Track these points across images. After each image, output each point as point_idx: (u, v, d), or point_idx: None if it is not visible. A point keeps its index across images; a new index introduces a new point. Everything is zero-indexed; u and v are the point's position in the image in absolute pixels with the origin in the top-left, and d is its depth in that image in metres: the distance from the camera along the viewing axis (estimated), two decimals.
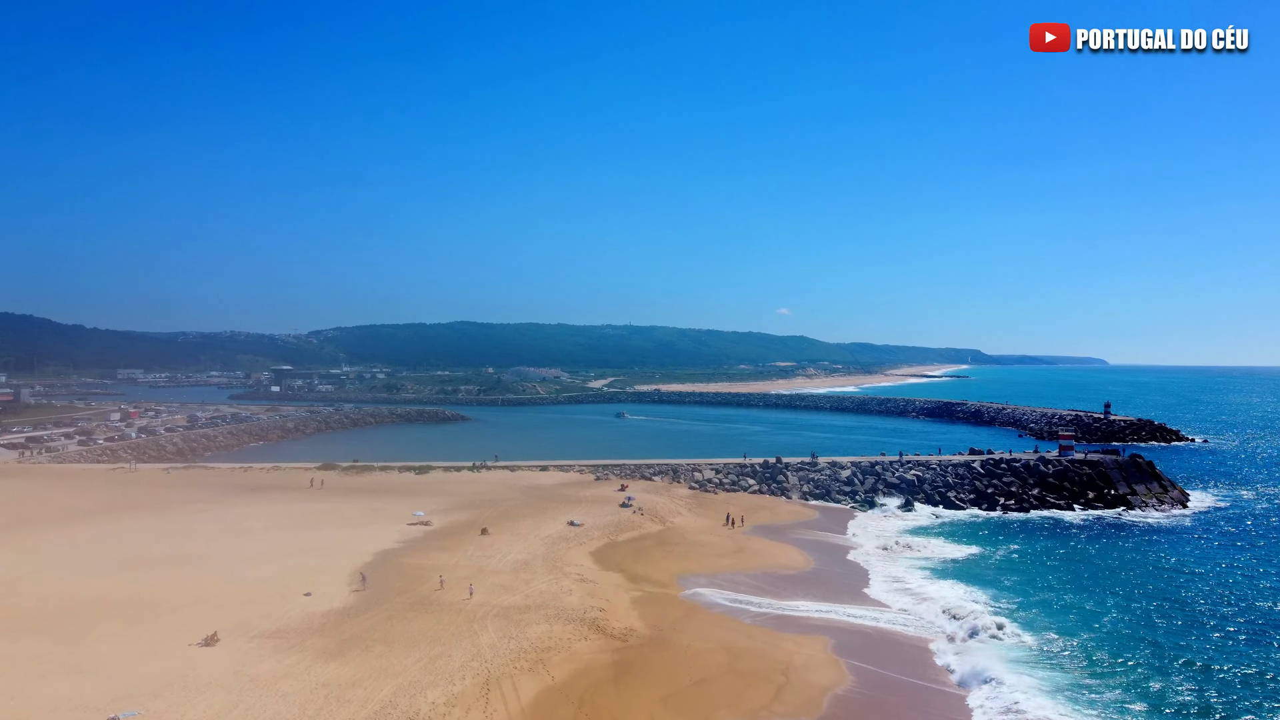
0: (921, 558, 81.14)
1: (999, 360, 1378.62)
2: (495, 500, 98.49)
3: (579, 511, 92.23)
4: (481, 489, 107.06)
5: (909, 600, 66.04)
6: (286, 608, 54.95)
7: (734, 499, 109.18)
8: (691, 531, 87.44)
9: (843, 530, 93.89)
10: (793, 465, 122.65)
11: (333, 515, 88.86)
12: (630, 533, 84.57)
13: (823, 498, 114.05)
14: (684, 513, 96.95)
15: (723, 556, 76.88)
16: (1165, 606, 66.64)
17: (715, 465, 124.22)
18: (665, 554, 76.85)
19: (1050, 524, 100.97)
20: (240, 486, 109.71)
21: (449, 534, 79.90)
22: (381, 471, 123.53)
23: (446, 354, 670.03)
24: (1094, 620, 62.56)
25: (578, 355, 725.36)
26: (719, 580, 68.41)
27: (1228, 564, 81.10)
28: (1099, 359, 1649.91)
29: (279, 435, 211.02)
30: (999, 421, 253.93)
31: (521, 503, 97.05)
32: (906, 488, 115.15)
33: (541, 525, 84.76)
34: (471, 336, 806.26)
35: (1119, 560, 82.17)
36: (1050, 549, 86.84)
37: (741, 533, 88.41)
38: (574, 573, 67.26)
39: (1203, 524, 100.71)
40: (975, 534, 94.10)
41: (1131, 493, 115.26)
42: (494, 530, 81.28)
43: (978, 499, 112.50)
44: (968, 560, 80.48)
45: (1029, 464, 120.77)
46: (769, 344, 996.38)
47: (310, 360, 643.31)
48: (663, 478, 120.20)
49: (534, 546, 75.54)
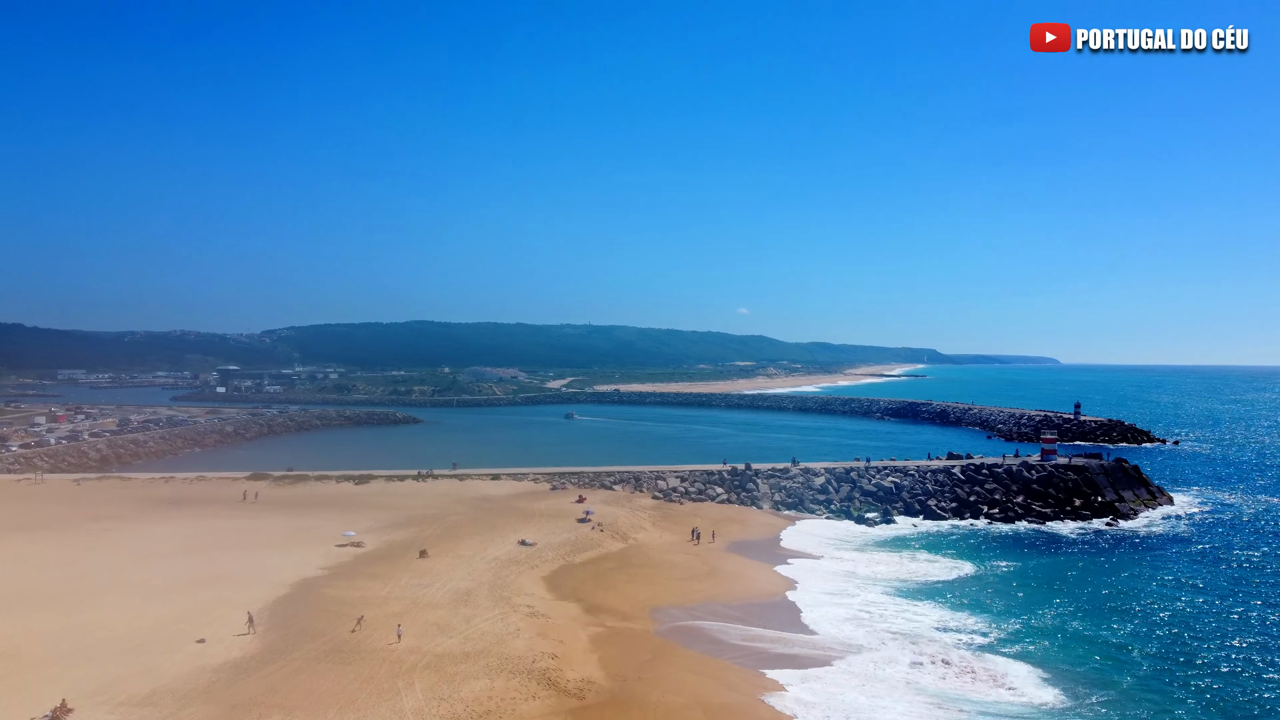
0: (907, 579, 73.36)
1: (955, 360, 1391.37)
2: (439, 515, 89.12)
3: (532, 528, 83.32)
4: (425, 502, 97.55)
5: (902, 632, 58.21)
6: (171, 660, 45.40)
7: (701, 510, 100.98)
8: (657, 550, 79.00)
9: (820, 546, 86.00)
10: (763, 472, 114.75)
11: (254, 535, 78.91)
12: (589, 552, 75.87)
13: (796, 507, 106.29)
14: (648, 527, 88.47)
15: (694, 580, 68.50)
16: (1188, 636, 59.51)
17: (680, 472, 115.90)
18: (629, 578, 68.30)
19: (1041, 537, 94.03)
20: (158, 500, 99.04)
21: (382, 557, 70.51)
22: (318, 481, 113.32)
23: (404, 354, 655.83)
24: (1117, 659, 55.09)
25: (537, 355, 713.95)
26: (693, 612, 60.01)
27: (1239, 579, 74.56)
28: (1052, 358, 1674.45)
29: (216, 440, 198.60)
30: (966, 422, 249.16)
31: (468, 518, 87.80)
32: (884, 496, 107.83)
33: (489, 545, 75.67)
34: (429, 336, 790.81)
35: (1124, 580, 75.08)
36: (1046, 567, 79.68)
37: (712, 549, 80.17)
38: (524, 604, 58.41)
39: (1199, 533, 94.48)
40: (962, 549, 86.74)
41: (1119, 499, 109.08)
42: (435, 552, 72.03)
43: (960, 507, 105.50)
44: (958, 583, 72.82)
45: (1012, 470, 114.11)
46: (729, 343, 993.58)
47: (263, 360, 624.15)
48: (624, 486, 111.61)
49: (479, 572, 66.51)
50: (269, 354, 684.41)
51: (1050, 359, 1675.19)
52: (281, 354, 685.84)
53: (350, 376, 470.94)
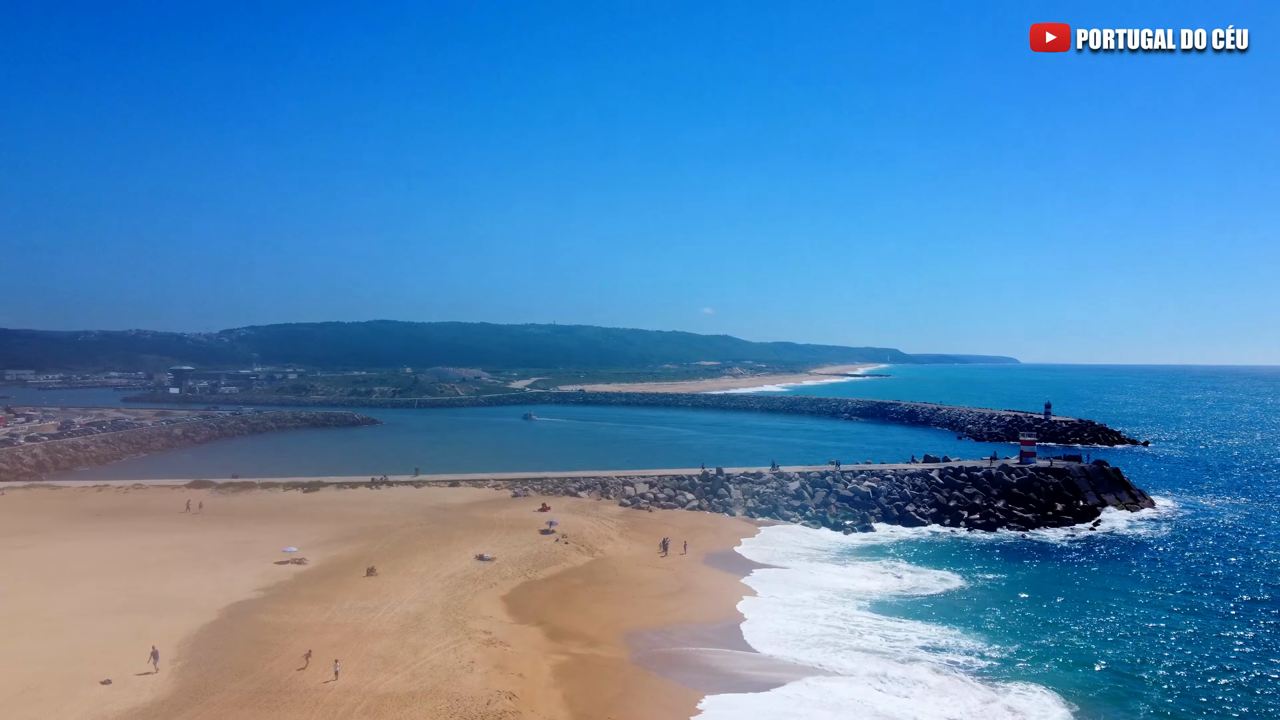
0: (892, 593, 68.72)
1: (917, 359, 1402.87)
2: (391, 526, 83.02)
3: (491, 540, 77.57)
4: (377, 512, 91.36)
5: (890, 654, 53.44)
6: (66, 708, 39.26)
7: (671, 518, 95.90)
8: (626, 563, 73.69)
9: (798, 556, 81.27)
10: (735, 476, 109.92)
11: (186, 552, 72.31)
12: (552, 567, 70.35)
13: (770, 514, 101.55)
14: (615, 537, 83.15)
15: (666, 598, 63.31)
16: (1192, 653, 55.41)
17: (649, 477, 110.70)
18: (596, 596, 62.96)
19: (1029, 546, 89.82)
20: (86, 512, 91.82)
21: (326, 576, 64.43)
22: (264, 489, 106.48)
23: (366, 354, 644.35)
24: (1130, 682, 50.72)
25: (501, 355, 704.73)
26: (667, 636, 54.80)
27: (1234, 590, 70.90)
28: (1011, 358, 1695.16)
29: (164, 444, 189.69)
30: (934, 422, 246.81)
31: (422, 530, 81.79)
32: (861, 501, 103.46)
33: (444, 560, 69.83)
34: (392, 336, 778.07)
35: (1119, 591, 70.99)
36: (1037, 578, 75.47)
37: (683, 562, 75.01)
38: (480, 630, 52.80)
39: (1186, 539, 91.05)
40: (947, 559, 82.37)
41: (1101, 503, 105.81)
42: (384, 569, 66.09)
43: (939, 513, 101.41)
44: (947, 597, 68.26)
45: (991, 473, 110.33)
46: (694, 343, 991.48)
47: (221, 360, 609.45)
48: (590, 493, 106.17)
49: (432, 592, 60.74)
50: (227, 354, 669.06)
51: (1010, 358, 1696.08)
52: (240, 354, 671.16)
53: (310, 377, 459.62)
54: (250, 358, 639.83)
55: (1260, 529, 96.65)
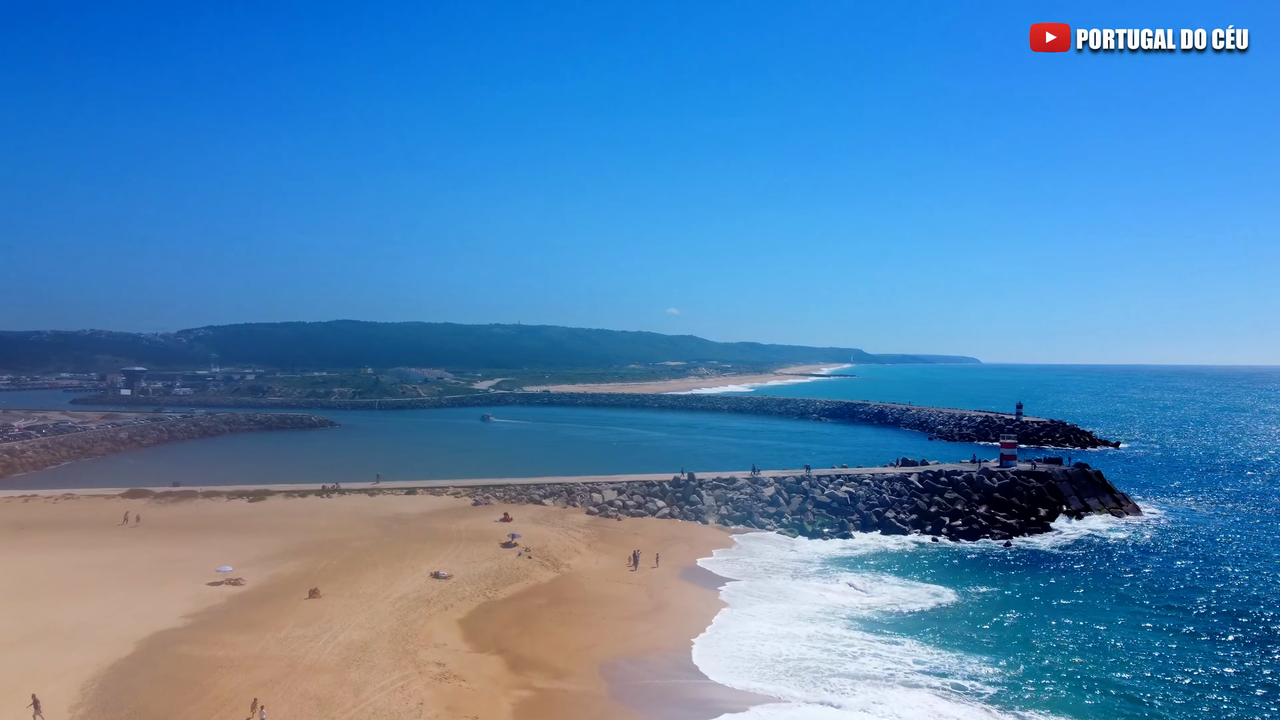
0: (882, 609, 64.12)
1: (880, 359, 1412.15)
2: (341, 540, 77.01)
3: (448, 555, 71.89)
4: (327, 523, 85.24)
5: (889, 680, 48.75)
6: None
7: (642, 527, 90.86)
8: (594, 579, 68.44)
9: (778, 569, 76.57)
10: (707, 482, 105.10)
11: (112, 571, 65.87)
12: (514, 585, 64.91)
13: (744, 521, 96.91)
14: (582, 550, 77.86)
15: (639, 619, 58.18)
16: (1203, 673, 51.41)
17: (617, 484, 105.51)
18: (561, 618, 57.64)
19: (1015, 553, 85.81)
20: (7, 525, 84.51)
21: (264, 599, 58.48)
22: (206, 498, 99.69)
23: (328, 354, 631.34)
24: (1146, 710, 46.51)
25: (465, 355, 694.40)
26: (644, 666, 49.60)
27: (1236, 601, 67.39)
28: (972, 358, 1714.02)
29: (107, 448, 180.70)
30: (904, 423, 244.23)
31: (374, 543, 75.86)
32: (839, 507, 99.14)
33: (396, 578, 64.10)
34: (354, 336, 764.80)
35: (1117, 604, 67.17)
36: (1031, 590, 71.17)
37: (656, 577, 69.92)
38: (432, 662, 47.34)
39: (1177, 545, 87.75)
40: (933, 570, 78.15)
41: (1085, 508, 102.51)
42: (329, 590, 60.26)
43: (920, 519, 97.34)
44: (939, 613, 63.73)
45: (972, 477, 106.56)
46: (659, 343, 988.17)
47: (179, 361, 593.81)
48: (555, 500, 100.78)
49: (380, 616, 55.08)
50: (185, 354, 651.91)
51: (972, 358, 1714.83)
52: (199, 354, 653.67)
53: (268, 378, 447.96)
54: (209, 358, 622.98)
55: (1247, 535, 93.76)
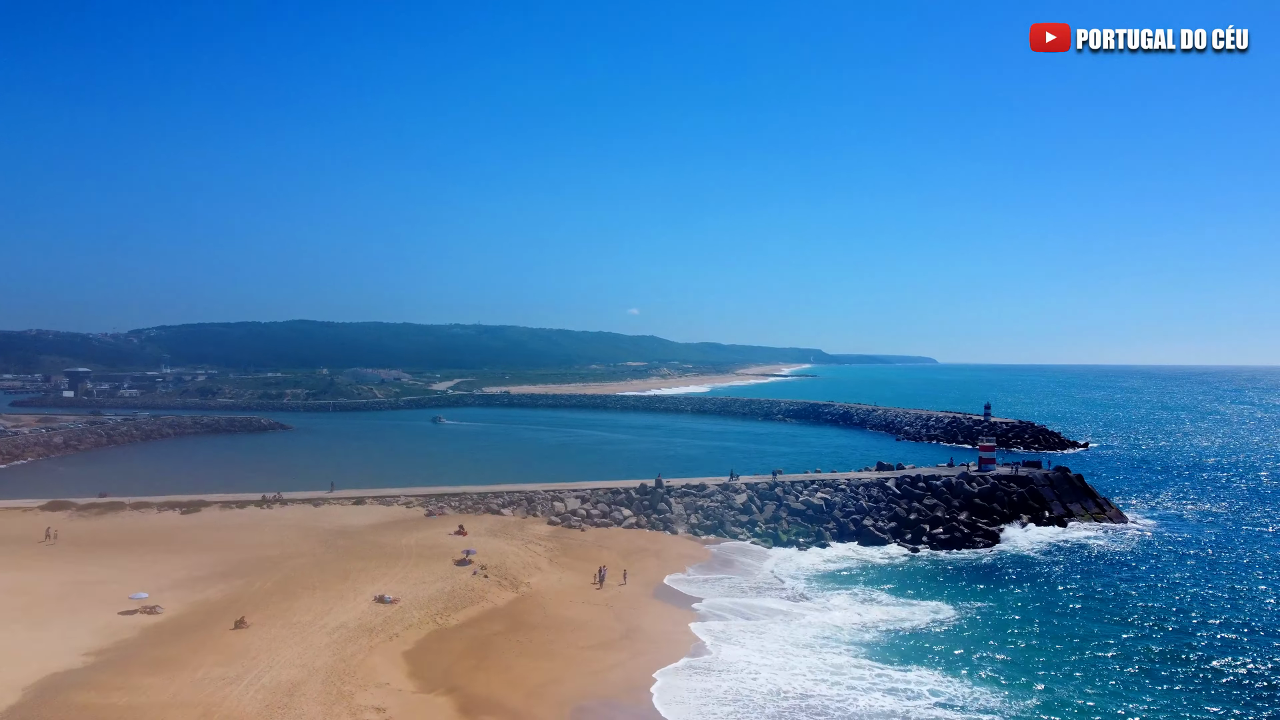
0: (877, 629, 59.05)
1: (839, 359, 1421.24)
2: (278, 557, 70.20)
3: (396, 574, 65.50)
4: (264, 538, 78.25)
5: None
6: None
7: (607, 538, 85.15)
8: (556, 599, 62.51)
9: (758, 584, 71.29)
10: (675, 489, 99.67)
11: (11, 598, 58.40)
12: (469, 609, 58.78)
13: (716, 530, 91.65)
14: (544, 566, 71.90)
15: (607, 648, 52.37)
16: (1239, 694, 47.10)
17: (580, 491, 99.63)
18: (521, 648, 51.70)
19: (1005, 563, 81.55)
20: None
21: (183, 631, 51.74)
22: (135, 510, 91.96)
23: (284, 355, 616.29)
24: None
25: (424, 356, 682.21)
26: (616, 708, 43.75)
27: (1247, 609, 63.51)
28: (930, 357, 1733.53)
29: (39, 453, 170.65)
30: (870, 424, 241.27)
31: (314, 561, 69.15)
32: (815, 515, 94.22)
33: (336, 603, 57.63)
34: (311, 336, 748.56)
35: (1125, 616, 62.93)
36: (1030, 602, 66.80)
37: (624, 597, 64.22)
38: (372, 705, 41.23)
39: (1169, 554, 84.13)
40: (924, 584, 73.26)
41: (1068, 514, 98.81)
42: (259, 618, 53.68)
43: (899, 527, 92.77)
44: (939, 633, 58.66)
45: (951, 482, 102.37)
46: (620, 344, 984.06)
47: (130, 362, 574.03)
48: (514, 510, 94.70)
49: (315, 650, 48.69)
50: (136, 355, 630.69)
51: (929, 358, 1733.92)
52: (150, 355, 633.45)
53: (220, 379, 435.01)
54: (161, 359, 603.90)
55: (1236, 542, 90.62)
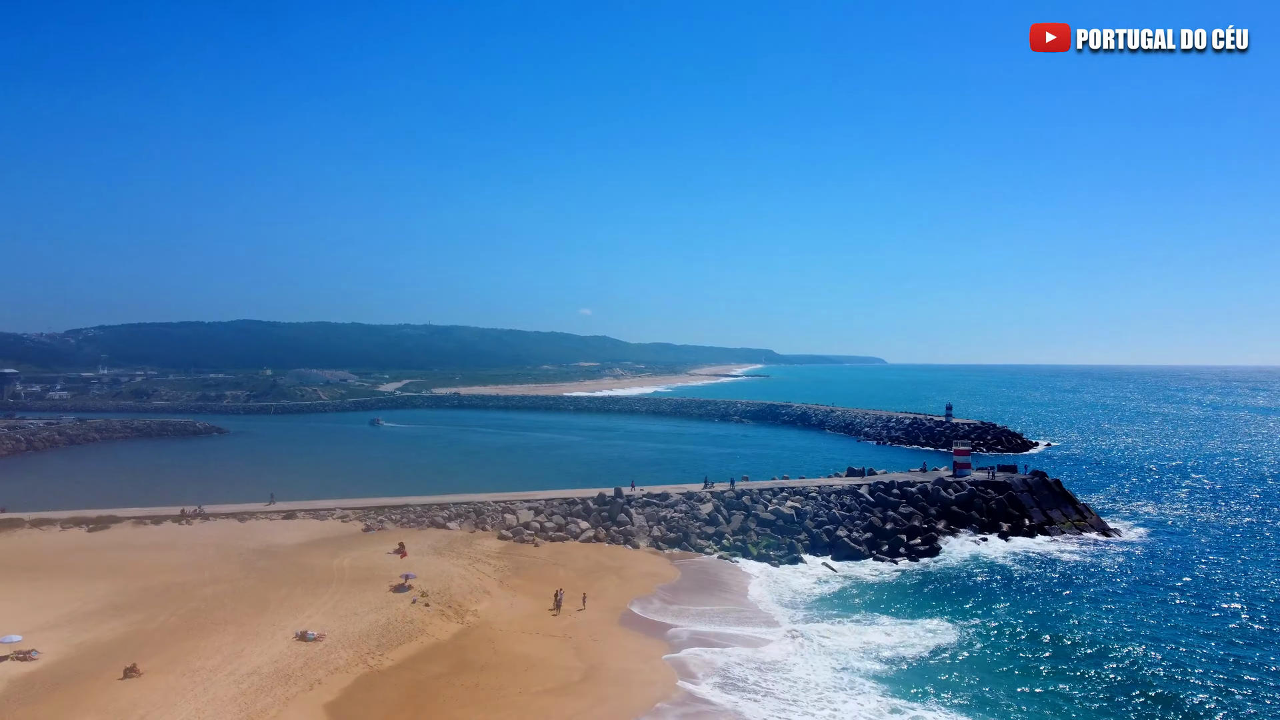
0: (886, 660, 52.88)
1: (790, 360, 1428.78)
2: (190, 584, 61.76)
3: (324, 603, 57.55)
4: (177, 559, 69.57)
5: None
6: None
7: (563, 554, 77.97)
8: (508, 631, 55.12)
9: (729, 609, 64.68)
10: (636, 499, 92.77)
11: None
12: (406, 645, 51.13)
13: (680, 544, 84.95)
14: (493, 589, 64.45)
15: (568, 694, 45.14)
16: None
17: (534, 502, 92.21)
18: (466, 695, 44.31)
19: (993, 574, 76.17)
20: None
21: (60, 681, 43.48)
22: (34, 528, 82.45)
23: (228, 355, 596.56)
24: None
25: (373, 357, 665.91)
26: None
27: (1259, 626, 58.64)
28: (878, 358, 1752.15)
29: None
30: (829, 425, 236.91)
31: (232, 589, 60.82)
32: (785, 525, 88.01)
33: (250, 642, 49.62)
34: (257, 336, 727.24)
35: (1136, 638, 57.53)
36: (1035, 621, 61.31)
37: (585, 626, 57.05)
38: None
39: (1165, 565, 79.55)
40: (916, 601, 67.36)
41: (1048, 521, 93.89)
42: (155, 664, 45.55)
43: (875, 537, 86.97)
44: (943, 664, 52.76)
45: (926, 489, 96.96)
46: (572, 344, 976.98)
47: (65, 362, 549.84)
48: (462, 523, 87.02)
49: (218, 705, 40.78)
50: (73, 355, 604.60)
51: (877, 358, 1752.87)
52: (88, 355, 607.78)
53: (158, 380, 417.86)
54: (99, 360, 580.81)
55: (1227, 549, 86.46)
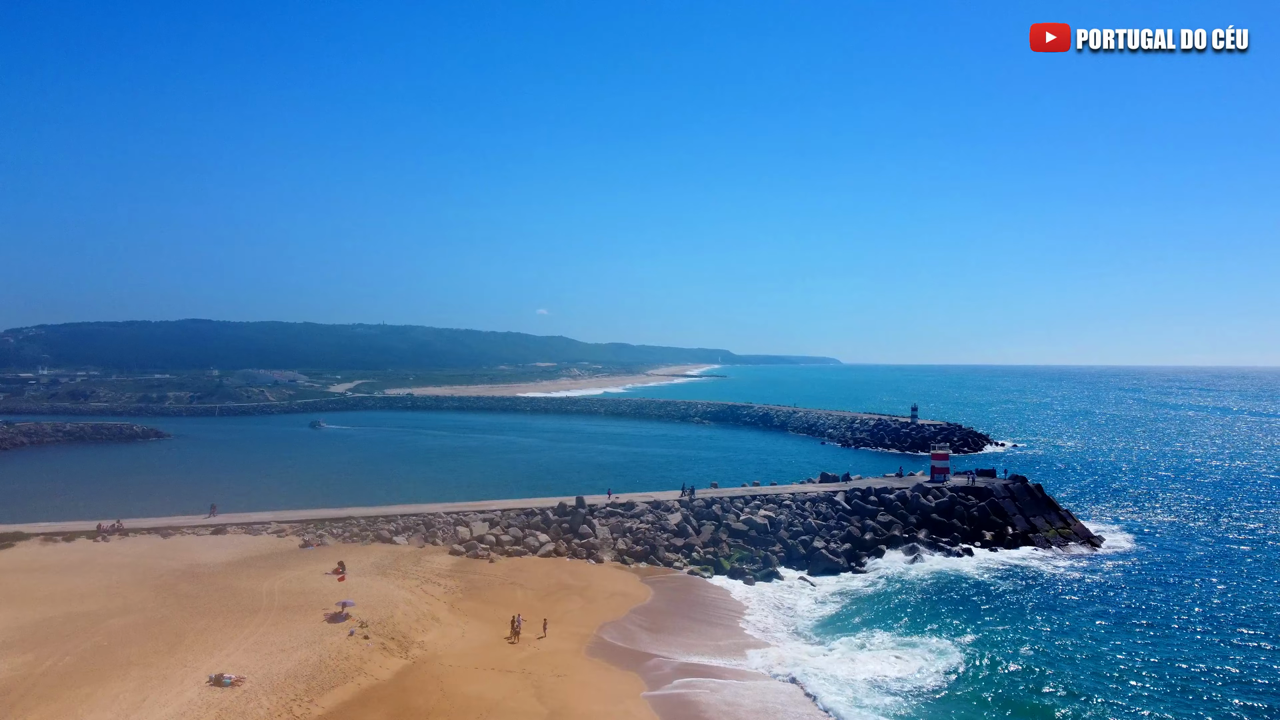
0: (899, 693, 47.55)
1: (746, 360, 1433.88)
2: (95, 614, 54.18)
3: (247, 637, 50.45)
4: (86, 583, 61.87)
5: None
6: None
7: (521, 570, 71.66)
8: (458, 666, 48.64)
9: (725, 634, 58.97)
10: (599, 509, 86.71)
11: None
12: (340, 688, 44.41)
13: (647, 557, 79.14)
14: (443, 615, 57.87)
15: None
16: None
17: (489, 513, 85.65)
18: None
19: (985, 586, 71.65)
20: None
21: None
22: None
23: (176, 355, 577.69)
24: None
25: (326, 357, 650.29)
26: None
27: None
28: (833, 358, 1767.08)
29: None
30: (791, 427, 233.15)
31: (143, 620, 53.32)
32: (759, 536, 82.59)
33: (155, 688, 42.53)
34: (206, 336, 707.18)
35: (1151, 661, 52.97)
36: (1044, 640, 56.94)
37: (546, 654, 50.84)
38: None
39: (1159, 576, 75.61)
40: (914, 618, 62.88)
41: (1032, 529, 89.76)
42: (41, 716, 38.51)
43: (854, 547, 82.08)
44: (969, 692, 47.82)
45: (905, 496, 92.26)
46: (529, 344, 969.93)
47: (4, 363, 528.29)
48: (410, 537, 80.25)
49: None
50: (12, 355, 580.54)
51: (832, 359, 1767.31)
52: (29, 355, 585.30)
53: (98, 381, 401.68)
54: (40, 360, 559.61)
55: (1223, 558, 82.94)
